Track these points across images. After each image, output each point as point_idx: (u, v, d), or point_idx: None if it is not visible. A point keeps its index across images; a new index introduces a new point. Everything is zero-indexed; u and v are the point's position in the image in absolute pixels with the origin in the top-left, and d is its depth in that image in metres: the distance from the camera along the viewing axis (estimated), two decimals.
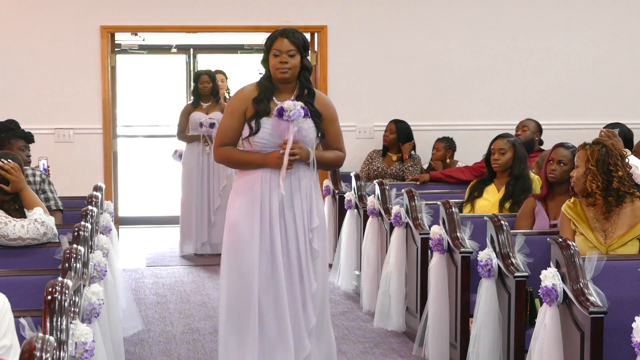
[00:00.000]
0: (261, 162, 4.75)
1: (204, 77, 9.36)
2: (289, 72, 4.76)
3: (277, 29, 4.84)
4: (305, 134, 4.73)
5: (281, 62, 4.74)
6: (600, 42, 9.58)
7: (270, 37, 4.83)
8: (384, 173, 8.67)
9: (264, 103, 4.77)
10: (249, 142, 4.80)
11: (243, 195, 4.78)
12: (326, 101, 4.93)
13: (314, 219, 4.80)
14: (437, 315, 5.60)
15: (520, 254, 4.96)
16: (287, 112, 4.62)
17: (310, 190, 4.82)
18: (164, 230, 10.95)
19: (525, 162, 6.45)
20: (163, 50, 12.33)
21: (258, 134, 4.74)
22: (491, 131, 8.09)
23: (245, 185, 4.80)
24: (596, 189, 4.86)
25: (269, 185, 4.75)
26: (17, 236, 4.66)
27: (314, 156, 4.78)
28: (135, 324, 6.20)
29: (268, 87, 4.80)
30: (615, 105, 9.54)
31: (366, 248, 7.08)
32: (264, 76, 4.86)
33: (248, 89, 4.86)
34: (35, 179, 5.72)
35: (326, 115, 4.87)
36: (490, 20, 9.46)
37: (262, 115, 4.75)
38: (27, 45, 8.96)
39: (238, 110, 4.81)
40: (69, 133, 9.06)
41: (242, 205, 4.77)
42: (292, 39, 4.76)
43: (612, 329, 4.18)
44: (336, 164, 5.03)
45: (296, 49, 4.76)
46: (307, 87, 4.84)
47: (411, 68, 9.39)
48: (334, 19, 9.23)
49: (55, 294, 3.43)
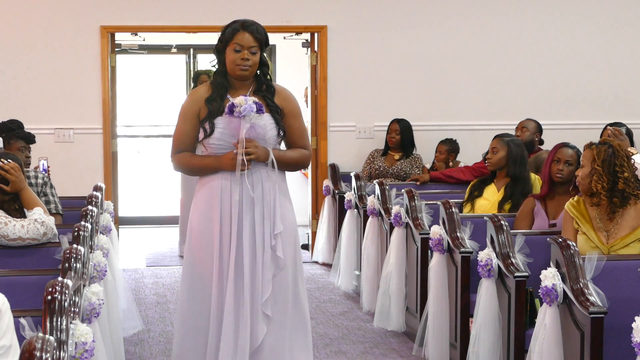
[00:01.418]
0: (216, 165, 4.42)
1: (203, 76, 9.33)
2: (249, 69, 4.43)
3: (236, 20, 4.51)
4: (260, 132, 4.39)
5: (242, 59, 4.41)
6: (600, 42, 9.58)
7: (230, 28, 4.47)
8: (386, 172, 8.67)
9: (217, 102, 4.44)
10: (204, 146, 4.50)
11: (203, 202, 4.48)
12: (287, 95, 4.56)
13: (277, 225, 4.42)
14: (437, 315, 5.60)
15: (520, 254, 4.96)
16: (238, 108, 4.32)
17: (274, 194, 4.44)
18: (164, 230, 10.96)
19: (522, 163, 6.38)
20: (163, 50, 12.31)
21: (212, 135, 4.42)
22: (491, 131, 8.08)
23: (205, 191, 4.48)
24: (601, 189, 4.84)
25: (229, 189, 4.41)
26: (17, 236, 4.66)
27: (272, 156, 4.42)
28: (135, 324, 6.20)
29: (222, 84, 4.47)
30: (615, 105, 9.53)
31: (366, 248, 7.08)
32: (218, 71, 4.52)
33: (200, 89, 4.54)
34: (37, 181, 5.72)
35: (288, 110, 4.51)
36: (491, 20, 9.46)
37: (215, 115, 4.42)
38: (27, 45, 8.96)
39: (191, 112, 4.48)
40: (69, 133, 9.06)
41: (202, 212, 4.47)
42: (255, 34, 4.43)
43: (612, 329, 4.18)
44: (301, 164, 4.64)
45: (258, 45, 4.44)
46: (265, 82, 4.51)
47: (411, 68, 9.38)
48: (334, 19, 9.22)
49: (55, 294, 3.43)
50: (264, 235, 4.42)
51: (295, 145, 4.56)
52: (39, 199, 4.94)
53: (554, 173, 5.68)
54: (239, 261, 4.38)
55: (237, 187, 4.41)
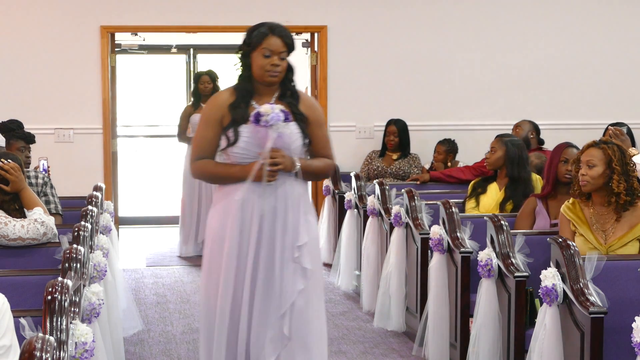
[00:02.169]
0: (241, 175, 4.22)
1: (205, 77, 9.29)
2: (279, 75, 4.28)
3: (263, 23, 4.32)
4: (287, 141, 4.22)
5: (273, 65, 4.25)
6: (601, 42, 9.58)
7: (257, 32, 4.28)
8: (384, 172, 8.67)
9: (242, 108, 4.26)
10: (227, 154, 4.31)
11: (223, 213, 4.29)
12: (312, 103, 4.43)
13: (301, 236, 4.25)
14: (437, 315, 5.60)
15: (520, 254, 4.96)
16: (265, 117, 4.12)
17: (298, 204, 4.29)
18: (164, 230, 10.95)
19: (522, 163, 6.32)
20: (163, 50, 12.32)
21: (237, 144, 4.24)
22: (491, 131, 8.10)
23: (225, 201, 4.29)
24: (623, 189, 4.82)
25: (251, 200, 4.23)
26: (17, 236, 4.66)
27: (299, 165, 4.26)
28: (135, 324, 6.20)
29: (246, 90, 4.30)
30: (616, 105, 9.54)
31: (366, 248, 7.08)
32: (243, 76, 4.33)
33: (224, 94, 4.36)
34: (38, 181, 5.72)
35: (313, 119, 4.35)
36: (490, 20, 9.46)
37: (240, 123, 4.24)
38: (27, 45, 8.96)
39: (213, 118, 4.29)
40: (69, 133, 9.06)
41: (221, 224, 4.28)
42: (285, 39, 4.27)
43: (612, 329, 4.18)
44: (325, 174, 4.49)
45: (287, 50, 4.29)
46: (290, 88, 4.35)
47: (411, 68, 9.39)
48: (334, 19, 9.22)
49: (55, 294, 3.43)
50: (283, 248, 4.24)
51: (318, 154, 4.39)
52: (39, 199, 4.94)
53: (562, 173, 5.65)
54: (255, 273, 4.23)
55: (261, 197, 4.23)
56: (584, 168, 4.90)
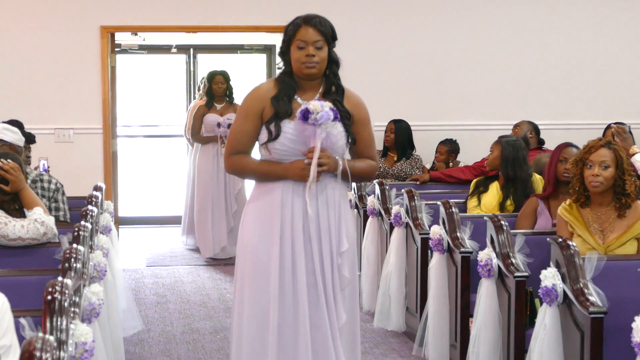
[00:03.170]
0: (282, 174, 4.01)
1: (219, 77, 9.21)
2: (317, 66, 4.04)
3: (298, 16, 4.18)
4: (334, 141, 3.98)
5: (307, 56, 4.03)
6: (601, 41, 9.58)
7: (292, 25, 4.15)
8: (386, 173, 8.67)
9: (285, 102, 4.04)
10: (267, 149, 4.06)
11: (260, 213, 4.06)
12: (358, 100, 4.19)
13: (342, 242, 4.05)
14: (437, 315, 5.60)
15: (520, 254, 4.96)
16: (314, 115, 3.87)
17: (339, 208, 4.07)
18: (164, 230, 10.95)
19: (518, 163, 6.29)
20: (163, 50, 12.32)
21: (278, 139, 4.01)
22: (491, 131, 8.10)
23: (263, 200, 4.07)
24: (634, 190, 4.82)
25: (290, 201, 4.01)
26: (17, 236, 4.66)
27: (343, 166, 4.03)
28: (135, 324, 6.20)
29: (289, 84, 4.07)
30: (616, 105, 9.54)
31: (366, 248, 7.08)
32: (284, 71, 4.12)
33: (265, 86, 4.14)
34: (50, 187, 5.69)
35: (358, 118, 4.13)
36: (491, 20, 9.46)
37: (282, 117, 4.02)
38: (27, 45, 8.96)
39: (253, 111, 4.07)
40: (69, 133, 9.06)
41: (258, 224, 4.05)
42: (319, 27, 4.08)
43: (612, 329, 4.18)
44: (368, 176, 4.25)
45: (324, 39, 4.06)
46: (335, 83, 4.12)
47: (412, 68, 9.39)
48: (334, 19, 9.18)
49: (55, 294, 3.43)
50: (331, 254, 4.04)
51: (362, 155, 4.17)
52: (39, 198, 4.93)
53: (560, 173, 5.66)
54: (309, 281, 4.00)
55: (301, 199, 4.01)
56: (596, 169, 4.83)
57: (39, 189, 5.58)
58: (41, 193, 5.59)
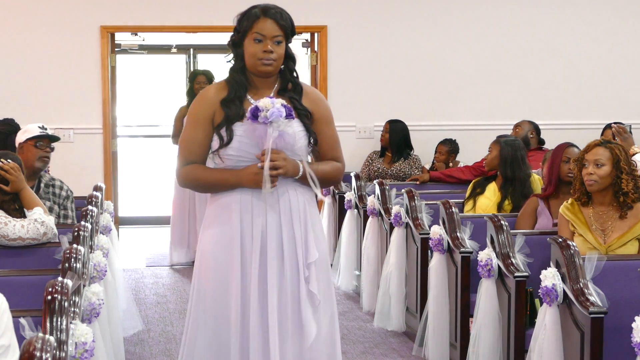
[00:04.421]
0: (236, 181, 3.64)
1: (201, 77, 8.99)
2: (274, 64, 3.68)
3: (255, 5, 3.75)
4: (290, 141, 3.62)
5: (265, 52, 3.66)
6: (601, 41, 9.59)
7: (248, 15, 3.71)
8: (385, 173, 8.67)
9: (236, 104, 3.69)
10: (219, 157, 3.70)
11: (218, 225, 3.70)
12: (317, 96, 3.82)
13: (310, 252, 3.66)
14: (437, 315, 5.60)
15: (520, 254, 4.96)
16: (264, 112, 3.53)
17: (304, 214, 3.70)
18: (164, 230, 10.93)
19: (516, 163, 6.29)
20: (163, 50, 12.33)
21: (231, 144, 3.65)
22: (491, 131, 8.10)
23: (220, 211, 3.70)
24: (632, 188, 4.82)
25: (250, 210, 3.65)
26: (17, 236, 4.66)
27: (304, 169, 3.66)
28: (135, 324, 6.20)
29: (240, 83, 3.73)
30: (616, 105, 9.54)
31: (366, 248, 7.08)
32: (235, 67, 3.77)
33: (213, 88, 3.78)
34: (62, 194, 5.70)
35: (319, 116, 3.77)
36: (491, 20, 9.46)
37: (234, 120, 3.66)
38: (27, 45, 8.97)
39: (203, 116, 3.71)
40: (69, 133, 9.06)
41: (216, 237, 3.69)
42: (279, 20, 3.69)
43: (612, 329, 4.18)
44: (334, 180, 3.85)
45: (283, 35, 3.70)
46: (291, 80, 3.77)
47: (411, 68, 9.39)
48: (334, 19, 9.22)
49: (55, 294, 3.43)
50: (298, 266, 3.65)
51: (325, 156, 3.80)
52: (39, 198, 4.94)
53: (565, 173, 5.64)
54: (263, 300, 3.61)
55: (260, 207, 3.65)
56: (591, 167, 4.85)
57: (50, 194, 5.60)
58: (52, 199, 5.60)
